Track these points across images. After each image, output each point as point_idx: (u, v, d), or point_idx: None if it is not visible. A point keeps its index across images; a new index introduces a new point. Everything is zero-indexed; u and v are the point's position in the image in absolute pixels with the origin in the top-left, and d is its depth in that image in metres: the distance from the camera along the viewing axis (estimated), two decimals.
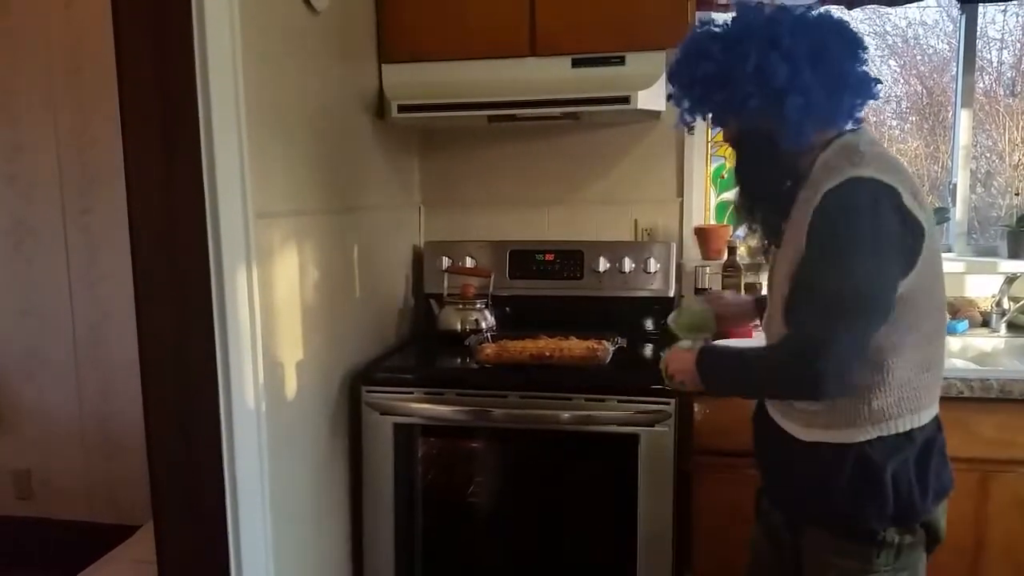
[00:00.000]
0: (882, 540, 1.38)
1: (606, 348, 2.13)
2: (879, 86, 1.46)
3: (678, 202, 2.64)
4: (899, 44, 2.96)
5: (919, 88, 2.99)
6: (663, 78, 2.24)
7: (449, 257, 2.63)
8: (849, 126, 1.43)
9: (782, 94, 1.34)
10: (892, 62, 2.97)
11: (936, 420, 1.42)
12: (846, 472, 1.38)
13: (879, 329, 1.30)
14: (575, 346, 2.17)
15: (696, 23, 1.78)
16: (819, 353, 1.26)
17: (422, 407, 2.10)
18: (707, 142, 2.69)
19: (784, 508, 1.53)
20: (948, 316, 2.42)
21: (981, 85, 2.77)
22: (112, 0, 1.59)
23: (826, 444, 1.40)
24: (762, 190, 1.46)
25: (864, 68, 1.43)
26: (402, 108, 2.32)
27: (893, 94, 3.01)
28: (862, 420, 1.36)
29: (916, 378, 1.36)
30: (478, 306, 2.47)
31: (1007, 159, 2.82)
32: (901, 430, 1.36)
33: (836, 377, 1.27)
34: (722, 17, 2.52)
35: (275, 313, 1.83)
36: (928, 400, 1.39)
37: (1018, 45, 2.81)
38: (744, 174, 1.49)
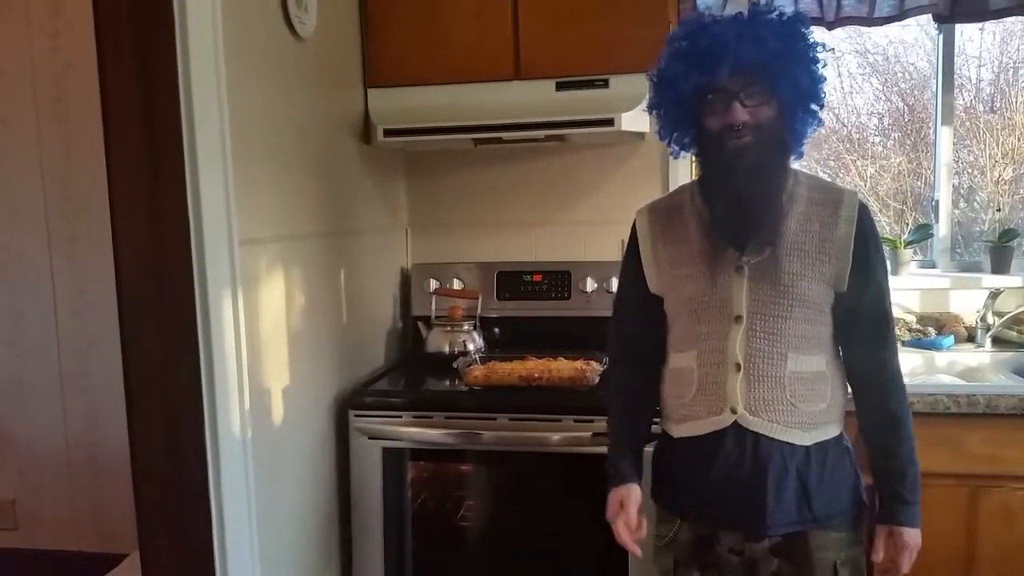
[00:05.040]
0: (865, 511, 1.54)
1: (594, 368, 2.13)
2: None
3: None
4: (880, 62, 2.99)
5: (900, 105, 3.03)
6: (646, 100, 2.25)
7: (436, 279, 2.63)
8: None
9: (818, 98, 1.46)
10: (874, 80, 3.01)
11: None
12: (848, 460, 1.51)
13: None
14: (563, 367, 2.17)
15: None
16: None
17: (411, 431, 2.09)
18: (691, 161, 2.70)
19: (781, 526, 1.47)
20: (933, 332, 2.46)
21: (961, 102, 2.80)
22: (96, 29, 1.59)
23: (827, 441, 1.48)
24: (774, 188, 1.45)
25: None
26: (388, 132, 2.33)
27: (875, 111, 3.05)
28: (839, 412, 1.51)
29: None
30: (466, 328, 2.47)
31: (988, 175, 2.85)
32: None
33: None
34: None
35: (261, 339, 1.83)
36: None
37: (996, 62, 2.85)
38: (762, 166, 1.42)
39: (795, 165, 1.56)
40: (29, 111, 3.01)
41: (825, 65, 1.44)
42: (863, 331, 1.49)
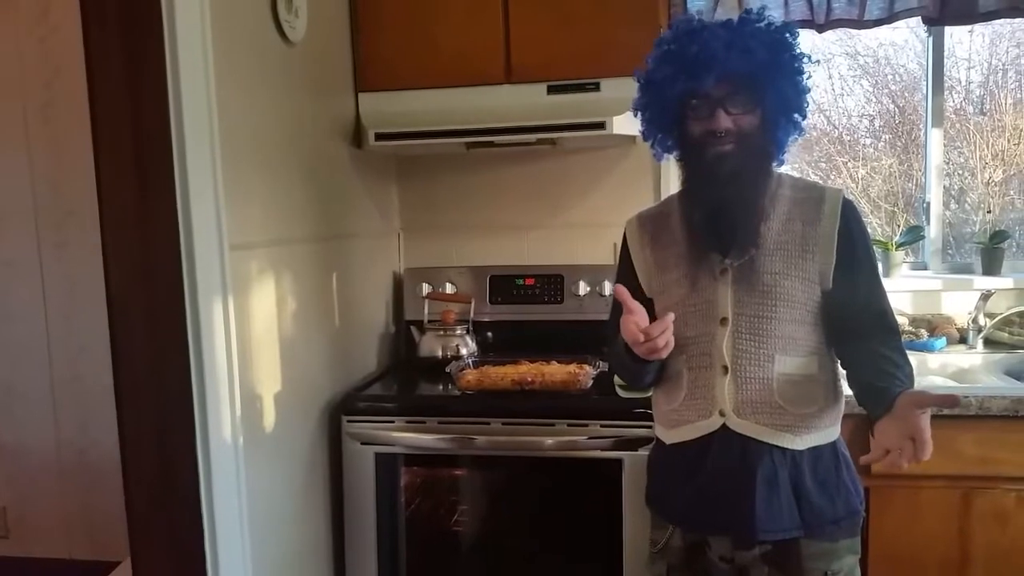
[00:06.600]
0: (860, 522, 1.53)
1: (587, 372, 2.13)
2: None
3: None
4: (870, 64, 3.00)
5: (891, 107, 3.03)
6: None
7: (429, 283, 2.63)
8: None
9: (802, 109, 1.48)
10: (864, 82, 3.02)
11: None
12: (844, 468, 1.50)
13: None
14: (556, 371, 2.17)
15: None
16: None
17: (404, 436, 2.08)
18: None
19: (771, 533, 1.45)
20: (925, 333, 2.46)
21: (951, 104, 2.81)
22: (84, 34, 1.58)
23: (821, 447, 1.47)
24: (754, 194, 1.47)
25: None
26: (379, 136, 2.32)
27: (866, 113, 3.06)
28: (833, 417, 1.50)
29: None
30: (459, 332, 2.46)
31: (979, 176, 2.86)
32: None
33: None
34: None
35: (252, 344, 1.82)
36: None
37: (985, 64, 2.86)
38: (742, 173, 1.44)
39: (783, 168, 1.57)
40: (18, 116, 3.00)
41: (810, 77, 1.46)
42: (858, 329, 1.46)
